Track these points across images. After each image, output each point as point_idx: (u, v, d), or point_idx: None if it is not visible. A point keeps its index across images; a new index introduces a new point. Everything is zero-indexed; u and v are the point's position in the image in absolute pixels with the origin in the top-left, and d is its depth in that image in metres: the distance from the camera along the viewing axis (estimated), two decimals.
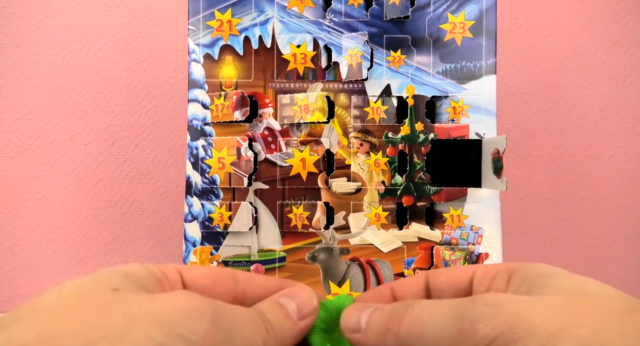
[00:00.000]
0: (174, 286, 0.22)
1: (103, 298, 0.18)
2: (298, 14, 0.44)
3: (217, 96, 0.44)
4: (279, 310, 0.22)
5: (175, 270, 0.23)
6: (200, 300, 0.19)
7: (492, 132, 0.44)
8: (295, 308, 0.23)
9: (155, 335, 0.16)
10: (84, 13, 0.60)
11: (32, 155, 0.60)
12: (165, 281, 0.22)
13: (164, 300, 0.18)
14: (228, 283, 0.24)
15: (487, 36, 0.44)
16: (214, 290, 0.23)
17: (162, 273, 0.22)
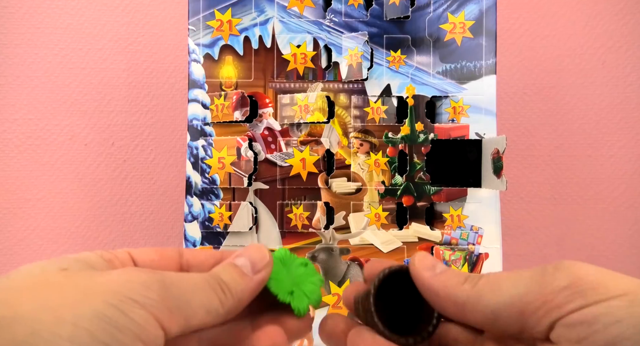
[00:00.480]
0: (124, 264, 0.23)
1: (52, 277, 0.19)
2: (298, 14, 0.44)
3: (217, 96, 0.44)
4: (233, 269, 0.23)
5: (124, 251, 0.24)
6: (149, 272, 0.20)
7: (492, 132, 0.44)
8: (249, 265, 0.23)
9: (111, 300, 0.18)
10: (84, 13, 0.60)
11: (32, 155, 0.60)
12: (115, 260, 0.23)
13: (114, 274, 0.19)
14: (173, 256, 0.25)
15: (487, 36, 0.44)
16: (160, 263, 0.24)
17: (112, 254, 0.23)
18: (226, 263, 0.23)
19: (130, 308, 0.18)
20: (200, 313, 0.21)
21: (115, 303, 0.18)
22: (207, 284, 0.21)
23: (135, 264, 0.24)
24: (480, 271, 0.44)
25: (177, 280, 0.20)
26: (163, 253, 0.25)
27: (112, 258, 0.23)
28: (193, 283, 0.21)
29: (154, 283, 0.19)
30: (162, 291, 0.19)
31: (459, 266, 0.44)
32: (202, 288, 0.21)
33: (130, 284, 0.19)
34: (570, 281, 0.18)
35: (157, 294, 0.19)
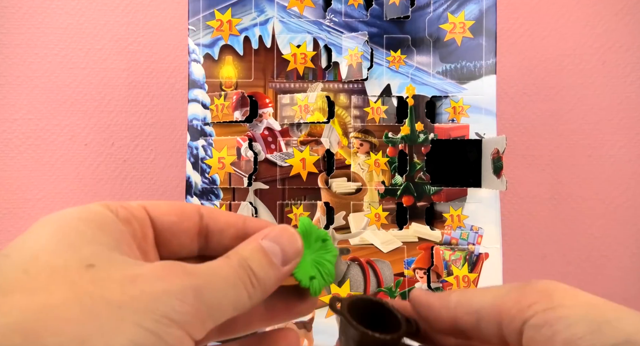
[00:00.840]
0: (143, 226, 0.21)
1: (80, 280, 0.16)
2: (298, 14, 0.44)
3: (217, 96, 0.44)
4: (262, 257, 0.21)
5: (141, 207, 0.22)
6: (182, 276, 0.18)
7: (492, 132, 0.44)
8: (279, 253, 0.22)
9: (145, 324, 0.16)
10: (84, 13, 0.60)
11: (32, 155, 0.60)
12: (133, 221, 0.21)
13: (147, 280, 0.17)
14: (193, 218, 0.23)
15: (487, 36, 0.44)
16: (180, 225, 0.23)
17: (129, 212, 0.21)
18: (255, 248, 0.21)
19: (166, 330, 0.17)
20: (229, 311, 0.20)
21: (150, 327, 0.16)
22: (237, 279, 0.20)
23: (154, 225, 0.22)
24: (480, 271, 0.44)
25: (210, 280, 0.19)
26: (183, 213, 0.23)
27: (128, 218, 0.20)
28: (225, 281, 0.19)
29: (189, 292, 0.18)
30: (197, 302, 0.18)
31: (459, 266, 0.44)
32: (232, 284, 0.20)
33: (165, 297, 0.17)
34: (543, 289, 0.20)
35: (192, 306, 0.18)
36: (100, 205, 0.20)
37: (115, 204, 0.21)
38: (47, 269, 0.16)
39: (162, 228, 0.22)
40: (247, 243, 0.21)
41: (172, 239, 0.22)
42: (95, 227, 0.19)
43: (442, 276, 0.44)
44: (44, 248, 0.17)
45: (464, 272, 0.44)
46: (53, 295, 0.16)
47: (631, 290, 0.63)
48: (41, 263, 0.17)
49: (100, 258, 0.18)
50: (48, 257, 0.17)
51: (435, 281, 0.44)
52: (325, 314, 0.44)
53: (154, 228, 0.22)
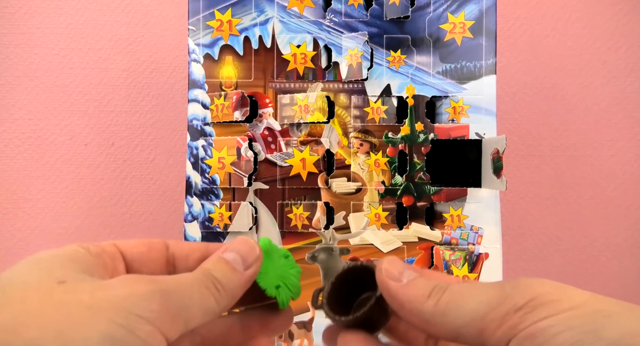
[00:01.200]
0: (113, 259, 0.23)
1: (52, 292, 0.18)
2: (298, 14, 0.44)
3: (217, 96, 0.44)
4: (224, 265, 0.23)
5: (111, 244, 0.24)
6: (148, 282, 0.20)
7: (492, 132, 0.44)
8: (239, 260, 0.24)
9: (116, 319, 0.18)
10: (84, 13, 0.60)
11: (32, 155, 0.60)
12: (103, 254, 0.22)
13: (113, 287, 0.19)
14: (160, 249, 0.25)
15: (487, 36, 0.44)
16: (149, 255, 0.25)
17: (99, 248, 0.23)
18: (216, 259, 0.23)
19: (136, 325, 0.18)
20: (198, 315, 0.21)
21: (121, 322, 0.18)
22: (202, 285, 0.22)
23: (124, 257, 0.24)
24: (480, 271, 0.44)
25: (175, 286, 0.20)
26: (150, 245, 0.25)
27: (100, 252, 0.22)
28: (189, 286, 0.21)
29: (155, 293, 0.19)
30: (163, 301, 0.19)
31: (459, 266, 0.44)
32: (198, 290, 0.21)
33: (132, 298, 0.19)
34: (526, 301, 0.19)
35: (159, 305, 0.19)
36: (74, 245, 0.22)
37: (87, 244, 0.23)
38: (21, 287, 0.18)
39: (132, 259, 0.24)
40: (210, 258, 0.24)
41: (141, 268, 0.24)
42: (66, 259, 0.21)
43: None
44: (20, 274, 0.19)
45: (464, 272, 0.44)
46: (28, 304, 0.17)
47: (631, 290, 0.63)
48: (16, 284, 0.19)
49: (71, 276, 0.19)
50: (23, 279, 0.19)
51: None
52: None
53: (125, 259, 0.24)
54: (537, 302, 0.19)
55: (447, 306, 0.21)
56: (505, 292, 0.20)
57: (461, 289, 0.21)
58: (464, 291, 0.21)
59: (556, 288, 0.20)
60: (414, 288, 0.22)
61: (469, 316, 0.20)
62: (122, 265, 0.24)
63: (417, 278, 0.23)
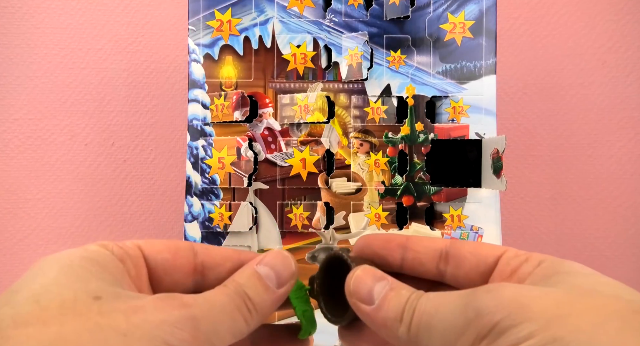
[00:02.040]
0: (137, 265, 0.22)
1: (87, 311, 0.18)
2: (298, 14, 0.44)
3: (217, 96, 0.44)
4: (257, 282, 0.22)
5: (135, 247, 0.23)
6: (180, 307, 0.19)
7: (492, 132, 0.44)
8: (274, 277, 0.22)
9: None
10: (84, 13, 0.60)
11: (32, 155, 0.60)
12: (128, 260, 0.22)
13: (147, 311, 0.19)
14: (187, 256, 0.24)
15: (487, 36, 0.44)
16: (174, 262, 0.23)
17: (124, 252, 0.22)
18: (250, 274, 0.22)
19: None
20: (227, 338, 0.20)
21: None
22: (234, 306, 0.21)
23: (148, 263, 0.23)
24: None
25: (207, 310, 0.20)
26: (177, 251, 0.24)
27: (124, 257, 0.22)
28: (221, 309, 0.20)
29: (187, 321, 0.19)
30: (194, 330, 0.19)
31: None
32: (229, 312, 0.21)
33: (165, 325, 0.18)
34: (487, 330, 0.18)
35: (190, 334, 0.19)
36: (98, 245, 0.21)
37: (111, 244, 0.22)
38: (57, 300, 0.18)
39: (155, 266, 0.23)
40: (243, 270, 0.23)
41: (165, 276, 0.23)
42: (96, 264, 0.20)
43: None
44: (55, 282, 0.19)
45: None
46: (64, 326, 0.17)
47: None
48: (52, 295, 0.18)
49: (106, 291, 0.19)
50: (58, 289, 0.18)
51: None
52: None
53: (148, 266, 0.23)
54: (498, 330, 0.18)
55: (418, 331, 0.20)
56: (468, 317, 0.19)
57: (428, 308, 0.20)
58: (431, 312, 0.20)
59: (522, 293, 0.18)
60: (385, 311, 0.22)
61: (439, 341, 0.20)
62: (144, 272, 0.23)
63: (387, 294, 0.22)
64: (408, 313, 0.21)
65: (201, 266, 0.24)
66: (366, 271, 0.23)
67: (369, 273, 0.23)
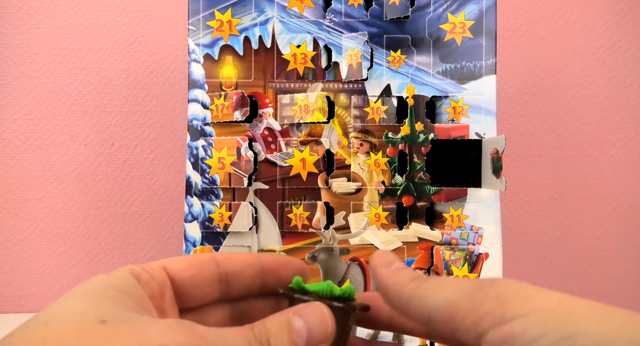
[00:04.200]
0: (162, 286, 0.23)
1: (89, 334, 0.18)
2: (298, 14, 0.44)
3: (217, 96, 0.44)
4: (286, 334, 0.21)
5: (160, 269, 0.23)
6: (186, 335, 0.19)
7: (492, 132, 0.44)
8: (305, 335, 0.21)
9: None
10: (84, 13, 0.60)
11: (32, 155, 0.60)
12: (152, 283, 0.22)
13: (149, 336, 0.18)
14: (210, 268, 0.24)
15: (487, 36, 0.44)
16: (199, 277, 0.24)
17: (148, 274, 0.22)
18: (282, 323, 0.21)
19: None
20: None
21: None
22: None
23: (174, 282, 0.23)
24: (480, 271, 0.44)
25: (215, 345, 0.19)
26: (200, 266, 0.24)
27: (148, 281, 0.22)
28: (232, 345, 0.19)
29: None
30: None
31: (459, 266, 0.44)
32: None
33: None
34: (497, 293, 0.19)
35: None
36: (126, 271, 0.22)
37: (138, 269, 0.22)
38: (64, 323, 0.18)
39: (182, 283, 0.24)
40: (276, 317, 0.21)
41: (192, 290, 0.24)
42: (118, 290, 0.20)
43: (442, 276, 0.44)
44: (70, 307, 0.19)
45: (464, 272, 0.44)
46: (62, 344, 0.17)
47: (631, 290, 0.63)
48: (62, 319, 0.19)
49: (115, 315, 0.19)
50: (70, 314, 0.19)
51: None
52: None
53: (174, 284, 0.23)
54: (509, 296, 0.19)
55: (426, 291, 0.21)
56: (481, 284, 0.20)
57: (444, 280, 0.22)
58: (445, 281, 0.21)
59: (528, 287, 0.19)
60: (401, 273, 0.23)
61: (443, 300, 0.20)
62: (170, 292, 0.23)
63: (406, 267, 0.23)
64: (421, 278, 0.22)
65: (225, 275, 0.24)
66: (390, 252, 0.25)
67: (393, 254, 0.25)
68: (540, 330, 0.17)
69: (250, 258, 0.25)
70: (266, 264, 0.25)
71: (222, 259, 0.25)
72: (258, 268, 0.25)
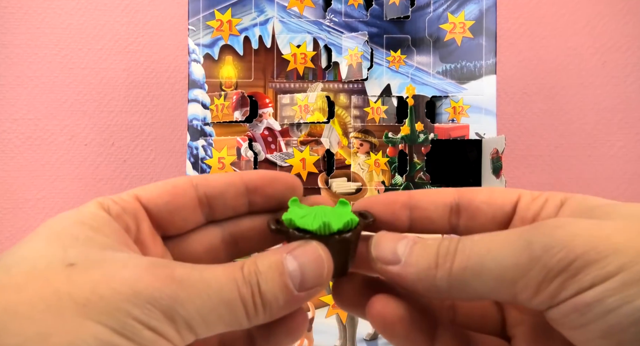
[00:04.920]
0: (136, 218, 0.21)
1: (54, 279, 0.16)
2: (298, 14, 0.44)
3: (217, 96, 0.44)
4: (278, 277, 0.18)
5: (132, 199, 0.21)
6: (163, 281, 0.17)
7: (492, 132, 0.44)
8: (298, 277, 0.19)
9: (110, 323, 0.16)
10: (84, 13, 0.60)
11: (32, 155, 0.60)
12: (125, 216, 0.20)
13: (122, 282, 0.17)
14: (188, 192, 0.22)
15: (487, 36, 0.44)
16: (176, 203, 0.22)
17: (121, 207, 0.20)
18: (274, 264, 0.19)
19: (135, 331, 0.16)
20: (216, 328, 0.18)
21: (116, 327, 0.16)
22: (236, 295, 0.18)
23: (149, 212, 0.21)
24: None
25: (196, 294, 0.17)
26: (174, 191, 0.22)
27: (120, 213, 0.20)
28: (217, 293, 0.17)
29: (166, 300, 0.16)
30: (171, 311, 0.17)
31: None
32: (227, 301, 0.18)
33: (136, 300, 0.16)
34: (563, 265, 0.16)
35: (165, 314, 0.16)
36: (94, 205, 0.20)
37: (107, 201, 0.20)
38: (27, 269, 0.17)
39: (158, 212, 0.22)
40: (268, 255, 0.19)
41: (171, 217, 0.22)
42: (88, 227, 0.19)
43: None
44: (33, 251, 0.18)
45: None
46: (21, 293, 0.16)
47: None
48: (25, 263, 0.17)
49: (85, 257, 0.17)
50: (34, 258, 0.17)
51: None
52: (326, 314, 0.44)
53: (150, 213, 0.22)
54: (578, 265, 0.16)
55: (463, 275, 0.18)
56: (534, 254, 0.17)
57: (477, 249, 0.18)
58: (481, 252, 0.18)
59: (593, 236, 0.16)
60: (415, 264, 0.19)
61: (494, 283, 0.17)
62: (146, 223, 0.21)
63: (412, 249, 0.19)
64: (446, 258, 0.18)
65: (205, 199, 0.22)
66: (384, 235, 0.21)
67: (387, 235, 0.21)
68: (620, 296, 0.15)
69: (231, 177, 0.23)
70: (250, 182, 0.22)
71: (200, 182, 0.22)
72: (241, 188, 0.22)
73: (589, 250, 0.16)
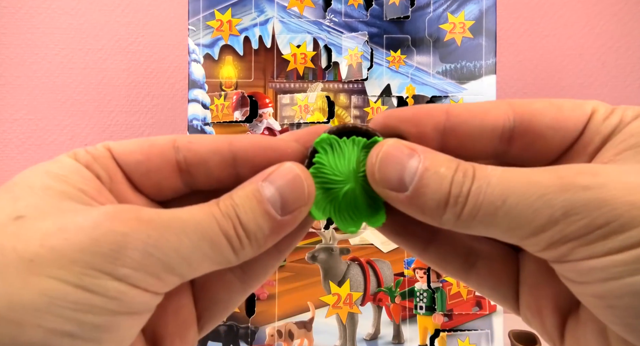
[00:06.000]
0: (107, 169, 0.19)
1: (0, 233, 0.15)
2: (298, 14, 0.44)
3: (217, 96, 0.44)
4: (256, 205, 0.17)
5: (104, 148, 0.19)
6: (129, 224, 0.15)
7: None
8: (278, 200, 0.17)
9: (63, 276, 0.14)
10: (84, 13, 0.60)
11: (32, 155, 0.60)
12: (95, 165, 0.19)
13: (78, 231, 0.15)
14: (165, 154, 0.19)
15: (487, 36, 0.44)
16: (149, 164, 0.19)
17: (90, 156, 0.19)
18: (250, 193, 0.17)
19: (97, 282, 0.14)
20: (202, 268, 0.17)
21: (72, 280, 0.14)
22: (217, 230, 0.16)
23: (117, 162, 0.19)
24: None
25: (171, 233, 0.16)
26: (149, 151, 0.19)
27: (89, 163, 0.18)
28: (195, 230, 0.16)
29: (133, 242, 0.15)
30: (143, 255, 0.15)
31: None
32: (209, 237, 0.16)
33: (96, 248, 0.15)
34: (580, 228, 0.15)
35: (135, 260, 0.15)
36: (65, 154, 0.19)
37: (81, 152, 0.19)
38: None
39: (129, 169, 0.19)
40: (244, 186, 0.18)
41: (144, 179, 0.19)
42: (51, 177, 0.17)
43: (442, 276, 0.44)
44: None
45: None
46: None
47: None
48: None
49: (38, 208, 0.16)
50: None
51: (435, 281, 0.44)
52: (326, 314, 0.44)
53: (122, 169, 0.19)
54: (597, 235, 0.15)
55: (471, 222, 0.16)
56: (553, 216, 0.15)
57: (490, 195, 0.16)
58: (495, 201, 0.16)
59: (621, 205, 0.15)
60: (423, 197, 0.17)
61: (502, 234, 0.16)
62: (120, 175, 0.19)
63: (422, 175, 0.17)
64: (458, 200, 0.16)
65: (185, 165, 0.19)
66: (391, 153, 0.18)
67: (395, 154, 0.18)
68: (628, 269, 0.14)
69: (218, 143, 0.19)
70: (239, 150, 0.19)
71: (183, 145, 0.19)
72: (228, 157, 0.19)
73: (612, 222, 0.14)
